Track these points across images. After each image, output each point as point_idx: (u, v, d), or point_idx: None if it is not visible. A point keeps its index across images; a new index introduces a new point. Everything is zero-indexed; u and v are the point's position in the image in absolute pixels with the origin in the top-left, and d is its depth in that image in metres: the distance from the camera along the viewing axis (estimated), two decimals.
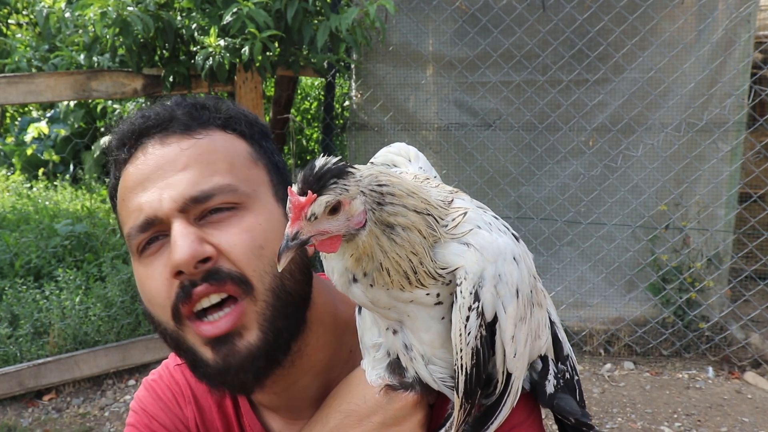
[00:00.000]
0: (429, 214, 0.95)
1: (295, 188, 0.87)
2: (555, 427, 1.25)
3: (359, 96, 5.74)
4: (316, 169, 0.86)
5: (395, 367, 1.09)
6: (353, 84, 5.80)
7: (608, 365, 5.10)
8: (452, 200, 1.02)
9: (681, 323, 5.08)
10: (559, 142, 5.24)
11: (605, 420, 4.39)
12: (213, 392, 1.25)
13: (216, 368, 1.09)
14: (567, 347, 1.19)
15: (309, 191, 0.85)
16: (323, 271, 1.26)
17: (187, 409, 1.31)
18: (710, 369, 4.98)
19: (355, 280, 0.96)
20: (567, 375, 1.16)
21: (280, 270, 0.90)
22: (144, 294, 1.13)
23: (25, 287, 5.15)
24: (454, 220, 0.98)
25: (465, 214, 0.98)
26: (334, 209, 0.87)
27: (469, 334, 0.96)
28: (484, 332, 0.97)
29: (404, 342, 1.05)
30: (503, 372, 1.02)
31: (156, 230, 1.09)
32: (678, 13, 4.94)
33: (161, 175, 1.09)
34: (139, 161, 1.12)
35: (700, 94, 4.98)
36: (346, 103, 6.53)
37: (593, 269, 5.29)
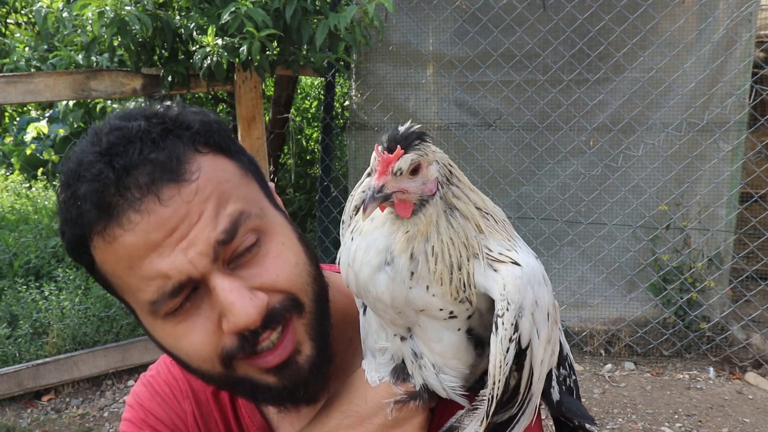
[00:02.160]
0: (488, 213, 0.98)
1: (380, 148, 0.90)
2: (554, 427, 1.24)
3: (359, 96, 5.73)
4: (402, 130, 0.91)
5: (399, 372, 1.08)
6: (353, 83, 5.78)
7: (609, 366, 5.09)
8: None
9: (682, 323, 5.07)
10: (559, 142, 5.23)
11: (606, 420, 4.38)
12: (279, 409, 1.19)
13: (284, 389, 1.08)
14: (566, 348, 1.18)
15: (398, 147, 0.89)
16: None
17: (184, 403, 1.29)
18: (711, 369, 4.97)
19: (387, 263, 0.94)
20: (568, 380, 1.16)
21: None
22: (179, 351, 1.06)
23: (24, 287, 5.14)
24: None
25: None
26: (415, 170, 0.90)
27: (507, 365, 0.95)
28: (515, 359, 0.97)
29: (413, 350, 1.04)
30: (525, 393, 1.01)
31: (188, 290, 1.02)
32: (679, 12, 4.93)
33: (178, 235, 0.99)
34: (138, 226, 0.98)
35: (701, 93, 4.97)
36: (346, 102, 6.52)
37: (594, 269, 5.28)
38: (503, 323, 0.93)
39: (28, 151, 8.96)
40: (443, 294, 0.94)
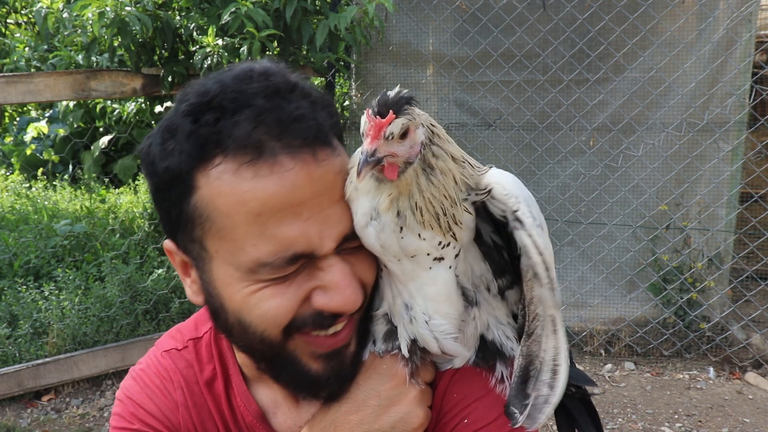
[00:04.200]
0: (465, 161, 1.03)
1: (371, 112, 0.92)
2: None
3: (359, 96, 5.73)
4: (393, 95, 0.93)
5: (389, 336, 1.13)
6: (353, 83, 5.78)
7: (609, 366, 5.09)
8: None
9: (682, 323, 5.07)
10: (559, 142, 5.23)
11: (606, 420, 4.38)
12: (301, 396, 1.21)
13: (324, 378, 1.10)
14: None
15: (390, 112, 0.91)
16: None
17: (176, 393, 1.29)
18: (711, 369, 4.97)
19: (372, 218, 0.99)
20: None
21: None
22: (251, 312, 1.02)
23: (24, 287, 5.14)
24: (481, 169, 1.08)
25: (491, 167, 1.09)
26: (404, 134, 0.94)
27: (549, 249, 1.01)
28: None
29: (405, 302, 1.08)
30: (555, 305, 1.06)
31: (303, 262, 1.01)
32: (679, 12, 4.92)
33: (319, 203, 0.98)
34: (288, 174, 0.95)
35: (701, 93, 4.97)
36: (346, 102, 6.52)
37: (594, 269, 5.28)
38: (524, 213, 1.00)
39: (28, 151, 8.96)
40: (433, 236, 1.00)
